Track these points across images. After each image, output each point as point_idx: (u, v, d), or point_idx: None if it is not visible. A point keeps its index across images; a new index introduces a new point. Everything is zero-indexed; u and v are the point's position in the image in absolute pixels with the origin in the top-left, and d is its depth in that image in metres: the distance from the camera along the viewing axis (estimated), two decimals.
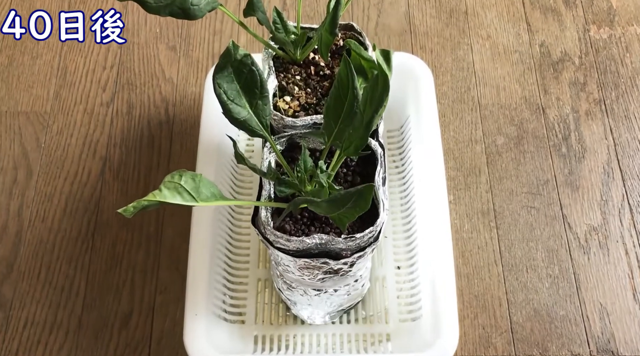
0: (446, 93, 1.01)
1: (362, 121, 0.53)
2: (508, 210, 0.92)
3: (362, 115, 0.53)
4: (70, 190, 0.94)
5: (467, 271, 0.88)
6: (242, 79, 0.57)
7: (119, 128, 0.99)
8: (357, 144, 0.54)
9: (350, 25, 0.69)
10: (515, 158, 0.96)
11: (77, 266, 0.89)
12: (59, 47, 1.06)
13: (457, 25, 1.06)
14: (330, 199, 0.48)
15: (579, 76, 1.02)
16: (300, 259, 0.63)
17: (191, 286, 0.80)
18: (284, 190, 0.60)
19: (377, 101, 0.50)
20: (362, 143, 0.54)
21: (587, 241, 0.90)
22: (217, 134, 0.88)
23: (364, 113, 0.53)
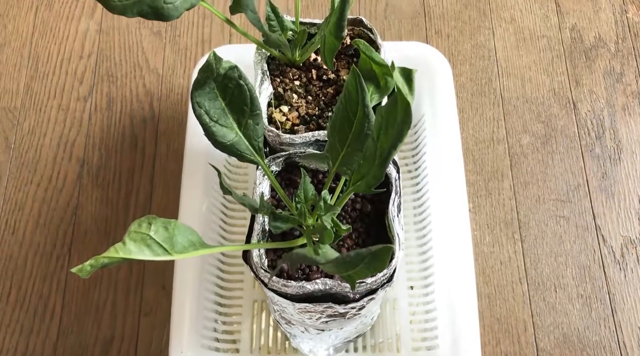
0: (465, 85, 0.90)
1: (376, 152, 0.43)
2: (534, 220, 0.82)
3: (375, 144, 0.43)
4: (44, 197, 0.84)
5: (488, 291, 0.79)
6: (228, 95, 0.46)
7: (97, 126, 0.88)
8: (370, 182, 0.44)
9: (359, 20, 0.58)
10: (542, 160, 0.85)
11: (52, 285, 0.80)
12: (29, 33, 0.94)
13: (477, 6, 0.94)
14: (337, 262, 0.38)
15: (615, 65, 0.90)
16: (300, 304, 0.53)
17: (177, 312, 0.71)
18: (279, 226, 0.49)
19: (396, 134, 0.40)
20: (375, 181, 0.44)
21: (624, 256, 0.80)
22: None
23: (378, 142, 0.43)
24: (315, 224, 0.50)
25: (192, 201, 0.75)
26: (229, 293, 0.76)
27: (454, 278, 0.73)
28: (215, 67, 0.43)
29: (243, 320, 0.75)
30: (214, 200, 0.77)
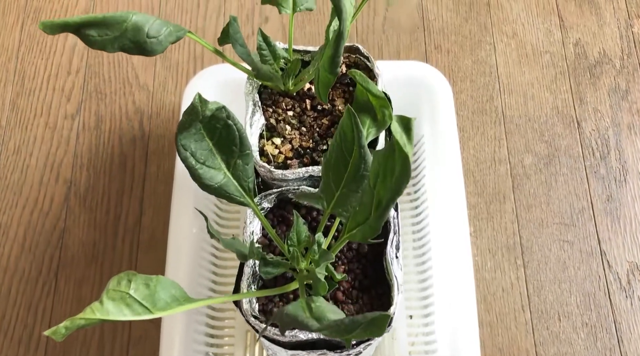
0: (465, 103, 0.87)
1: (372, 200, 0.40)
2: (537, 245, 0.79)
3: (372, 191, 0.40)
4: (30, 221, 0.81)
5: (490, 319, 0.76)
6: (216, 136, 0.43)
7: (85, 145, 0.85)
8: (367, 233, 0.41)
9: (355, 47, 0.55)
10: (545, 181, 0.82)
11: (38, 313, 0.77)
12: (15, 47, 0.91)
13: (477, 20, 0.91)
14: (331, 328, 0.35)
15: (620, 82, 0.87)
16: (293, 350, 0.50)
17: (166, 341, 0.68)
18: (270, 271, 0.46)
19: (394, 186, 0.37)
20: (372, 233, 0.41)
21: (630, 283, 0.77)
22: None
23: (375, 190, 0.40)
24: (309, 267, 0.47)
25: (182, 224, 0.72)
26: (221, 323, 0.73)
27: (455, 306, 0.71)
28: (200, 110, 0.40)
29: (235, 350, 0.73)
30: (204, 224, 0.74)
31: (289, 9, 0.51)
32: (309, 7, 0.51)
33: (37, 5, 0.94)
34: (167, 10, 0.93)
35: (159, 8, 0.93)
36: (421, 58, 0.89)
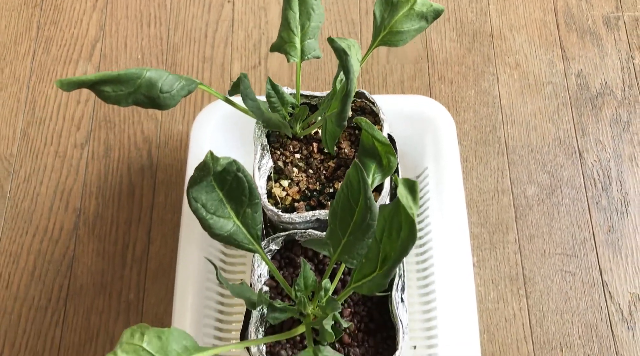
0: (468, 133, 0.88)
1: (378, 254, 0.41)
2: (540, 275, 0.80)
3: (378, 246, 0.41)
4: (40, 249, 0.83)
5: (493, 350, 0.77)
6: (226, 186, 0.45)
7: (94, 174, 0.87)
8: (372, 288, 0.42)
9: (361, 92, 0.56)
10: (547, 212, 0.83)
11: (47, 342, 0.78)
12: (26, 76, 0.93)
13: (481, 50, 0.93)
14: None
15: (622, 113, 0.89)
16: None
17: None
18: (278, 317, 0.48)
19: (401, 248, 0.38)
20: (378, 289, 0.42)
21: (632, 314, 0.78)
22: None
23: (381, 245, 0.41)
24: (316, 312, 0.49)
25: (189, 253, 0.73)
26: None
27: (458, 337, 0.71)
28: (212, 167, 0.41)
29: None
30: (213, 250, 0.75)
31: (297, 58, 0.52)
32: (316, 55, 0.53)
33: (48, 35, 0.95)
34: (175, 40, 0.94)
35: (167, 38, 0.95)
36: (425, 88, 0.90)
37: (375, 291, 0.42)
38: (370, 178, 0.51)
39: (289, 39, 0.51)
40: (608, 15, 0.95)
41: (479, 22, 0.95)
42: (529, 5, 0.96)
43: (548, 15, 0.95)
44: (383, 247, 0.41)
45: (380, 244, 0.41)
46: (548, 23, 0.94)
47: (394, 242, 0.39)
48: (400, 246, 0.38)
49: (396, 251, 0.39)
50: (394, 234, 0.39)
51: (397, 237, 0.39)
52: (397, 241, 0.39)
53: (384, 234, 0.41)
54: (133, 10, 0.97)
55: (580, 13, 0.95)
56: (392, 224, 0.40)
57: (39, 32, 0.96)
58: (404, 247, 0.38)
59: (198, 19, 0.96)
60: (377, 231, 0.41)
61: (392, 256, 0.39)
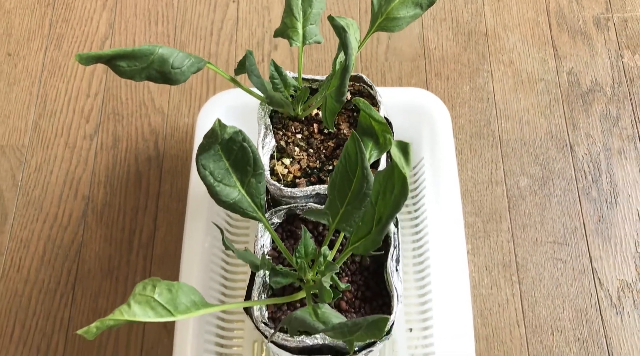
0: (463, 127, 0.91)
1: (374, 216, 0.44)
2: (532, 262, 0.83)
3: (373, 208, 0.44)
4: (49, 235, 0.86)
5: (486, 333, 0.80)
6: (232, 156, 0.48)
7: (103, 164, 0.90)
8: (368, 246, 0.45)
9: (358, 76, 0.60)
10: (539, 202, 0.86)
11: (56, 323, 0.81)
12: (38, 71, 0.96)
13: (476, 49, 0.97)
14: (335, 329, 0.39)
15: (611, 109, 0.92)
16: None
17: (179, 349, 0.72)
18: (280, 281, 0.51)
19: (393, 204, 0.41)
20: (373, 246, 0.45)
21: (620, 300, 0.81)
22: None
23: (376, 206, 0.44)
24: (315, 278, 0.52)
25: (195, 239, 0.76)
26: (230, 333, 0.77)
27: (452, 320, 0.74)
28: (220, 134, 0.44)
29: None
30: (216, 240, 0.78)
31: (299, 42, 0.55)
32: (317, 40, 0.56)
33: (60, 33, 0.99)
34: (182, 38, 0.98)
35: (174, 36, 0.98)
36: (422, 84, 0.94)
37: (371, 249, 0.45)
38: (367, 154, 0.54)
39: (292, 24, 0.55)
40: (598, 16, 0.99)
41: (474, 22, 0.99)
42: (522, 6, 0.99)
43: (540, 16, 0.99)
44: (378, 209, 0.44)
45: (375, 207, 0.44)
46: (540, 23, 0.98)
47: (388, 203, 0.42)
48: (393, 201, 0.42)
49: (389, 208, 0.42)
50: (388, 195, 0.42)
51: (390, 197, 0.42)
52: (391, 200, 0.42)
53: (378, 197, 0.44)
54: (141, 9, 1.01)
55: (572, 14, 0.99)
56: (386, 186, 0.43)
57: (51, 29, 1.00)
58: (397, 203, 0.41)
59: (204, 18, 1.00)
60: (372, 195, 0.45)
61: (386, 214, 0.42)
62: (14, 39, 0.99)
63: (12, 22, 1.00)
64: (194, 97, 0.94)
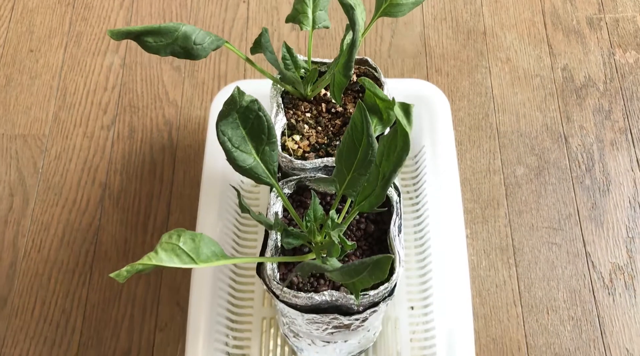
0: (463, 119, 0.96)
1: (378, 176, 0.49)
2: (528, 246, 0.87)
3: (378, 169, 0.49)
4: (68, 219, 0.90)
5: (484, 312, 0.84)
6: (249, 125, 0.52)
7: (119, 153, 0.95)
8: (373, 202, 0.50)
9: (364, 59, 0.64)
10: (535, 190, 0.91)
11: (74, 301, 0.85)
12: (58, 66, 1.01)
13: (474, 47, 1.01)
14: (342, 269, 0.43)
15: (604, 103, 0.97)
16: (309, 314, 0.58)
17: (193, 324, 0.76)
18: (291, 242, 0.55)
19: (396, 159, 0.46)
20: (377, 201, 0.50)
21: (612, 281, 0.85)
22: (222, 162, 0.83)
23: (380, 167, 0.48)
24: (324, 241, 0.56)
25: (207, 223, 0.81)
26: (240, 310, 0.81)
27: (452, 300, 0.78)
28: (238, 100, 0.49)
29: (252, 336, 0.80)
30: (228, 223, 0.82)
31: (309, 26, 0.60)
32: (326, 25, 0.61)
33: (79, 30, 1.04)
34: None
35: None
36: (423, 79, 0.98)
37: (375, 204, 0.49)
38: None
39: (302, 10, 0.59)
40: (591, 16, 1.04)
41: (473, 22, 1.04)
42: (518, 6, 1.05)
43: (536, 16, 1.04)
44: (382, 168, 0.48)
45: (380, 167, 0.49)
46: (536, 23, 1.03)
47: (391, 161, 0.46)
48: (396, 157, 0.46)
49: (393, 163, 0.46)
50: (392, 155, 0.47)
51: (393, 155, 0.46)
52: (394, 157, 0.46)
53: (383, 158, 0.48)
54: (156, 8, 1.06)
55: (566, 14, 1.04)
56: (389, 147, 0.47)
57: (70, 27, 1.05)
58: (400, 158, 0.46)
59: (216, 17, 1.05)
60: (377, 158, 0.49)
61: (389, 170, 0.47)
62: (36, 36, 1.04)
63: (35, 20, 1.05)
64: (206, 91, 0.99)
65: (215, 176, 0.84)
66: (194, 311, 0.77)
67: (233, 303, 0.80)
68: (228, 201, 0.83)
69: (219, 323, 0.77)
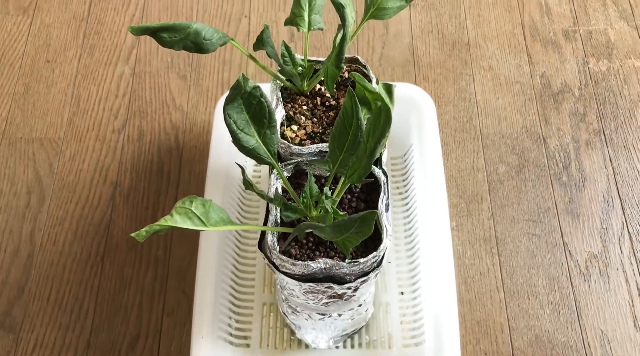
0: (449, 122, 1.03)
1: (366, 150, 0.56)
2: (510, 237, 0.94)
3: (365, 145, 0.56)
4: (82, 214, 0.97)
5: (470, 297, 0.90)
6: (252, 110, 0.59)
7: (129, 154, 1.02)
8: (361, 173, 0.57)
9: (355, 58, 0.72)
10: (516, 186, 0.98)
11: (87, 289, 0.91)
12: (73, 75, 1.09)
13: (459, 56, 1.09)
14: (334, 225, 0.50)
15: (579, 107, 1.04)
16: (305, 284, 0.64)
17: (198, 309, 0.82)
18: (290, 215, 0.62)
19: (380, 132, 0.53)
20: (365, 171, 0.56)
21: (588, 269, 0.91)
22: (225, 161, 0.91)
23: (367, 143, 0.55)
24: (319, 215, 0.63)
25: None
26: (242, 296, 0.87)
27: (439, 285, 0.84)
28: (243, 86, 0.56)
29: (254, 320, 0.86)
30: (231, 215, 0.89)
31: (305, 28, 0.68)
32: (320, 27, 0.69)
33: (92, 43, 1.12)
34: None
35: None
36: None
37: (363, 174, 0.56)
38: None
39: (299, 13, 0.67)
40: (567, 29, 1.12)
41: (458, 34, 1.12)
42: (499, 20, 1.13)
43: (516, 29, 1.12)
44: (369, 144, 0.55)
45: (367, 143, 0.56)
46: (516, 35, 1.12)
47: (376, 136, 0.53)
48: (380, 130, 0.53)
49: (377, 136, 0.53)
50: (377, 130, 0.54)
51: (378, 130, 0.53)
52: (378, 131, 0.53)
53: (369, 135, 0.55)
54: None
55: (544, 27, 1.12)
56: (375, 124, 0.54)
57: (84, 40, 1.13)
58: (383, 130, 0.53)
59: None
60: (364, 136, 0.56)
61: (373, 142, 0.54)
62: (52, 48, 1.12)
63: (51, 34, 1.13)
64: (210, 98, 1.07)
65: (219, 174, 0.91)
66: (199, 297, 0.82)
67: (236, 289, 0.86)
68: (231, 195, 0.90)
69: (222, 308, 0.83)
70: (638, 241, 0.93)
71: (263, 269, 0.89)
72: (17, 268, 0.92)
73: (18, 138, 1.03)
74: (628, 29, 1.12)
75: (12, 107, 1.06)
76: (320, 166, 0.65)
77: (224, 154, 0.91)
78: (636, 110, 1.04)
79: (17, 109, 1.06)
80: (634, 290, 0.89)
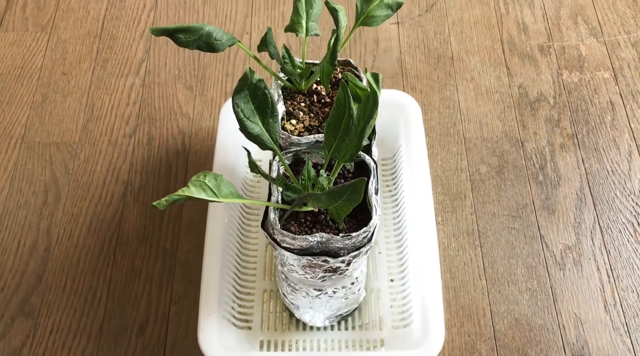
0: (434, 128, 1.12)
1: (356, 132, 0.64)
2: (491, 231, 1.02)
3: (356, 128, 0.64)
4: (95, 211, 1.04)
5: (454, 285, 0.97)
6: (256, 100, 0.68)
7: (139, 157, 1.10)
8: (352, 152, 0.65)
9: (347, 61, 0.81)
10: (497, 185, 1.06)
11: (100, 279, 0.98)
12: (87, 86, 1.18)
13: (444, 69, 1.19)
14: (329, 192, 0.58)
15: (554, 114, 1.13)
16: (304, 258, 0.72)
17: (205, 292, 0.89)
18: (290, 194, 0.70)
19: (368, 114, 0.61)
20: (355, 151, 0.65)
21: (563, 259, 0.99)
22: (228, 163, 0.99)
23: (358, 126, 0.64)
24: None
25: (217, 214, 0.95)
26: (245, 283, 0.94)
27: (425, 273, 0.91)
28: (249, 78, 0.65)
29: (255, 305, 0.93)
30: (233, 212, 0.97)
31: (303, 34, 0.77)
32: (317, 33, 0.78)
33: (105, 57, 1.21)
34: (205, 60, 1.20)
35: (198, 59, 1.21)
36: None
37: (354, 153, 0.64)
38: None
39: (298, 21, 0.76)
40: (542, 44, 1.22)
41: (442, 49, 1.22)
42: (480, 36, 1.23)
43: (496, 44, 1.22)
44: (359, 126, 0.64)
45: (358, 128, 0.64)
46: (496, 49, 1.21)
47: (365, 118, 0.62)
48: (369, 113, 0.61)
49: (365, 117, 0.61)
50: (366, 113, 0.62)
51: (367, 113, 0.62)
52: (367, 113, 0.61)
53: (360, 119, 0.63)
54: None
55: (521, 42, 1.22)
56: (365, 110, 0.63)
57: (97, 54, 1.22)
58: (371, 112, 0.61)
59: None
60: (355, 121, 0.64)
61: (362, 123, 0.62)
62: (68, 61, 1.21)
63: (67, 49, 1.22)
64: (214, 106, 1.15)
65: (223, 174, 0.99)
66: (205, 284, 0.90)
67: (239, 276, 0.94)
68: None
69: (226, 294, 0.90)
70: (608, 234, 1.01)
71: (264, 258, 0.97)
72: (36, 260, 0.99)
73: (36, 142, 1.11)
74: (597, 44, 1.22)
75: (31, 114, 1.14)
76: (317, 153, 0.74)
77: (228, 157, 1.00)
78: (605, 116, 1.13)
79: (36, 117, 1.14)
80: (605, 278, 0.97)
